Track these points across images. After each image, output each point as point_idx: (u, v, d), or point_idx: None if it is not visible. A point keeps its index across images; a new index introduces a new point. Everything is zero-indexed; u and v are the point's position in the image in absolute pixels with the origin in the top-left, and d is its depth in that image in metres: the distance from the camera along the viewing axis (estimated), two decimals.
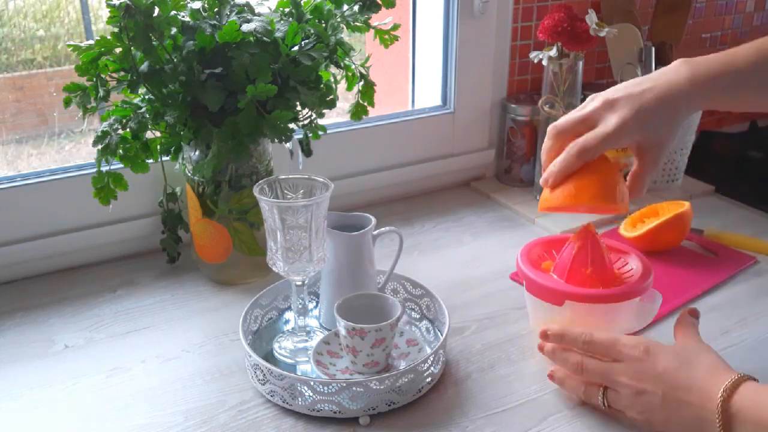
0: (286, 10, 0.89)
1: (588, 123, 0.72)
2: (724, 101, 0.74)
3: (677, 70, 0.72)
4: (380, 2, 0.89)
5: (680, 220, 0.99)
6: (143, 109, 0.83)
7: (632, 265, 0.77)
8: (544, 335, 0.73)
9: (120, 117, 0.83)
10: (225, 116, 0.82)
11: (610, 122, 0.70)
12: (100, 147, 0.82)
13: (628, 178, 0.74)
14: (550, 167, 0.72)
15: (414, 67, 1.27)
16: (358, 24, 0.90)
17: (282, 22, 0.85)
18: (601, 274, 0.74)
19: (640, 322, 0.78)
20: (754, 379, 0.62)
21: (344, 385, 0.69)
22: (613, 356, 0.68)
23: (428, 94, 1.26)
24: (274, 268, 0.76)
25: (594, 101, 0.73)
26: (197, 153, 0.88)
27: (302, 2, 0.88)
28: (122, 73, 0.82)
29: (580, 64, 1.09)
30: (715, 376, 0.62)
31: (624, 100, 0.71)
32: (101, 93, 0.81)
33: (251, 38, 0.81)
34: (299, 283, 0.77)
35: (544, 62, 1.08)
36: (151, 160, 0.88)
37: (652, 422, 0.65)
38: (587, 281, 0.73)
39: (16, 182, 0.94)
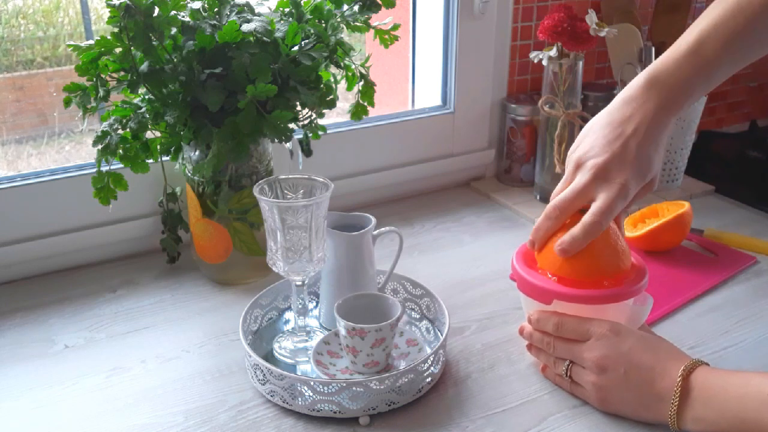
0: (286, 10, 0.89)
1: (587, 197, 0.71)
2: (698, 97, 0.75)
3: (647, 98, 0.72)
4: (380, 2, 0.89)
5: (680, 220, 0.99)
6: (143, 109, 0.83)
7: None
8: (528, 321, 0.76)
9: (120, 117, 0.83)
10: (225, 116, 0.82)
11: (608, 194, 0.70)
12: (100, 147, 0.82)
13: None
14: (566, 237, 0.71)
15: (414, 67, 1.27)
16: (358, 24, 0.90)
17: (282, 22, 0.85)
18: None
19: (631, 326, 0.77)
20: (707, 364, 0.66)
21: (344, 385, 0.69)
22: (582, 335, 0.71)
23: (428, 94, 1.26)
24: (274, 268, 0.76)
25: (584, 171, 0.72)
26: (197, 153, 0.88)
27: (302, 2, 0.88)
28: (122, 73, 0.82)
29: (580, 64, 1.09)
30: (674, 359, 0.67)
31: (614, 164, 0.70)
32: (101, 93, 0.81)
33: (251, 38, 0.81)
34: (299, 283, 0.77)
35: (544, 62, 1.08)
36: (151, 160, 0.88)
37: (607, 400, 0.69)
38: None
39: (16, 182, 0.94)
